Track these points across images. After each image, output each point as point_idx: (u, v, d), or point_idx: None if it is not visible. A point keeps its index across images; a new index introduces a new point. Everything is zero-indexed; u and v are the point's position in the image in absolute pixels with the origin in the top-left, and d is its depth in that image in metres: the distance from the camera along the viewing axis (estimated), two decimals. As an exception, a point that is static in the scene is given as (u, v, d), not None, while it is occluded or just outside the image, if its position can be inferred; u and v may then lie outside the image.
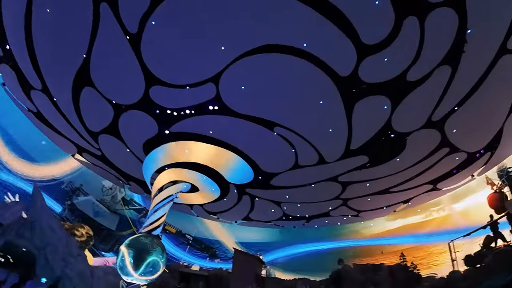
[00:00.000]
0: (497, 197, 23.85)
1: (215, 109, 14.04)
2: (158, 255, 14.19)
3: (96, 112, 16.21)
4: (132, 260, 13.34)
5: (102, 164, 22.84)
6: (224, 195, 21.36)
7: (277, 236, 49.97)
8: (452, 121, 15.89)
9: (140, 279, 13.66)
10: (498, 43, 12.43)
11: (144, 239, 14.24)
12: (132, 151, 18.64)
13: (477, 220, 30.28)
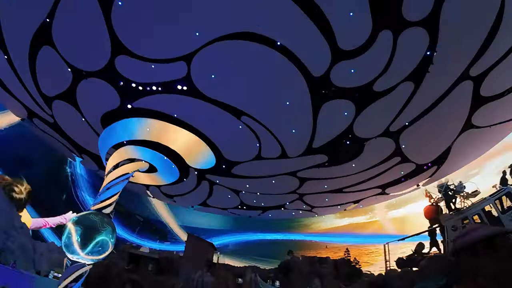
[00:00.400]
0: (433, 209, 26.37)
1: (183, 89, 13.54)
2: (107, 235, 13.49)
3: (53, 75, 14.77)
4: (80, 238, 12.55)
5: (54, 133, 21.12)
6: (183, 178, 20.98)
7: (225, 223, 50.32)
8: (407, 133, 17.10)
9: (87, 258, 12.89)
10: (462, 69, 13.51)
11: (93, 216, 13.39)
12: (89, 122, 17.43)
13: (412, 227, 33.34)
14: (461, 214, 22.51)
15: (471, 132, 17.96)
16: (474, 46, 12.46)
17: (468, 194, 24.05)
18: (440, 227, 24.47)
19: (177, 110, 15.08)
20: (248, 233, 54.30)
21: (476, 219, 21.92)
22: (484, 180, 25.91)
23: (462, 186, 23.90)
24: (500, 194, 19.85)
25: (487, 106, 15.96)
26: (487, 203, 21.40)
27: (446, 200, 24.45)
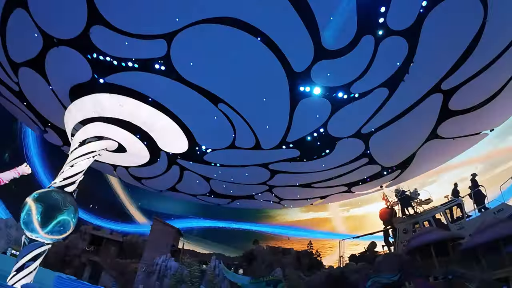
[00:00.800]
0: (388, 212, 28.21)
1: (161, 69, 13.05)
2: (69, 215, 12.81)
3: (23, 40, 13.53)
4: (40, 216, 11.82)
5: (18, 103, 19.55)
6: (153, 161, 20.44)
7: (189, 209, 49.88)
8: (377, 136, 17.85)
9: (46, 237, 12.19)
10: (434, 82, 14.21)
11: (55, 194, 12.60)
12: (56, 94, 16.30)
13: (365, 226, 35.35)
14: (413, 219, 24.22)
15: (435, 141, 19.13)
16: (449, 61, 13.13)
17: (421, 201, 25.95)
18: (392, 229, 26.29)
19: (153, 90, 14.50)
20: (213, 220, 54.49)
21: (426, 224, 23.73)
22: (439, 188, 28.03)
23: (417, 193, 25.77)
24: (451, 205, 21.56)
25: (453, 120, 17.03)
26: (438, 211, 23.16)
27: (401, 205, 26.24)
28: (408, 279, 16.98)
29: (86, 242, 32.59)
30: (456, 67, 13.28)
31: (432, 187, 28.03)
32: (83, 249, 31.53)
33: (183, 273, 26.04)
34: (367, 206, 40.41)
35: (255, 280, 28.04)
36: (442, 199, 23.81)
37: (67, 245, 31.74)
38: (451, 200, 22.53)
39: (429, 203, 25.53)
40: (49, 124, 21.03)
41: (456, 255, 15.08)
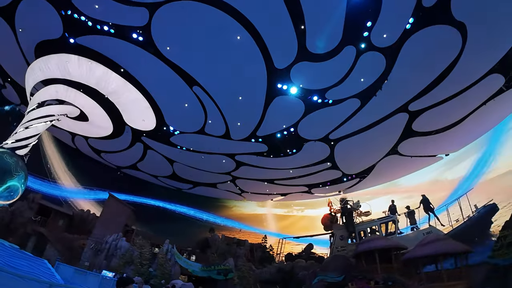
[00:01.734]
0: (329, 218, 30.22)
1: (139, 39, 12.36)
2: (20, 181, 11.83)
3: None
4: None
5: None
6: (116, 135, 19.48)
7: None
8: (343, 144, 18.57)
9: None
10: (403, 102, 15.02)
11: (8, 157, 11.50)
12: (21, 48, 14.79)
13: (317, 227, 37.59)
14: (351, 227, 26.09)
15: (394, 157, 20.36)
16: (421, 85, 13.96)
17: (361, 212, 28.01)
18: (331, 234, 28.10)
19: (126, 60, 13.71)
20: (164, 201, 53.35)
21: (362, 234, 25.83)
22: (382, 203, 30.28)
23: (358, 205, 27.72)
24: (387, 220, 23.53)
25: (414, 139, 18.21)
26: (374, 224, 25.17)
27: (342, 213, 28.10)
28: (351, 280, 17.96)
29: (33, 212, 30.16)
30: (426, 91, 14.17)
31: (374, 201, 30.13)
32: (29, 218, 29.17)
33: (133, 254, 25.31)
34: (320, 209, 42.05)
35: (206, 267, 28.05)
36: (380, 213, 26.00)
37: (13, 212, 29.26)
38: (387, 216, 24.65)
39: (368, 215, 27.63)
40: (9, 79, 19.12)
41: (398, 263, 16.22)
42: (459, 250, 13.77)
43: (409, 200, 29.63)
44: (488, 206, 19.61)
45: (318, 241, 33.07)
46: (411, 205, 22.37)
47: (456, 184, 46.17)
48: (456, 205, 20.31)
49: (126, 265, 24.35)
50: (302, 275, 25.28)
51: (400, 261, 16.33)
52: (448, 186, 48.26)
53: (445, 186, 49.10)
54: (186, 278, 27.66)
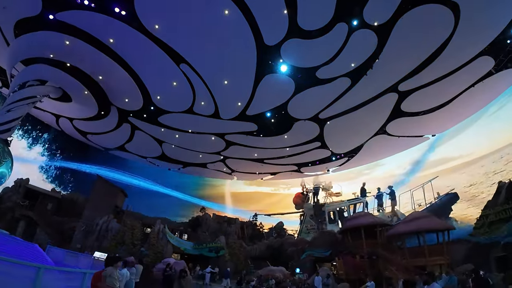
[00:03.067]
0: (301, 197, 31.36)
1: (121, 14, 11.61)
2: (7, 167, 11.54)
3: None
4: None
5: None
6: (102, 116, 18.90)
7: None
8: (332, 123, 18.61)
9: None
10: (393, 81, 14.94)
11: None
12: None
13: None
14: (321, 207, 27.10)
15: (382, 137, 20.64)
16: (411, 65, 13.86)
17: (332, 193, 28.97)
18: (302, 213, 29.18)
19: (109, 36, 12.96)
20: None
21: (331, 214, 26.91)
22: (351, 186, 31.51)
23: (330, 186, 28.64)
24: (355, 202, 24.38)
25: (402, 120, 18.40)
26: (343, 205, 26.07)
27: (314, 193, 28.98)
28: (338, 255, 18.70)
29: (20, 196, 29.61)
30: (416, 71, 14.12)
31: (344, 183, 31.49)
32: (16, 202, 28.69)
33: (124, 235, 25.46)
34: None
35: (198, 245, 28.64)
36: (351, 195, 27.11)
37: (0, 198, 28.69)
38: (356, 198, 25.58)
39: (338, 196, 28.69)
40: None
41: (382, 239, 16.91)
42: (441, 227, 14.41)
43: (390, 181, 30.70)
44: (450, 194, 20.67)
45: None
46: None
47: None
48: (420, 190, 21.31)
49: (118, 245, 24.56)
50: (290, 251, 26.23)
51: (384, 237, 17.01)
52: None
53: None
54: (179, 256, 28.22)
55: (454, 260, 14.47)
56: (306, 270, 20.88)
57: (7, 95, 13.49)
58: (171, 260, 18.02)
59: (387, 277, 14.57)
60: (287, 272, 21.29)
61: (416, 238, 15.49)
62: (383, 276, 14.77)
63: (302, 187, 31.51)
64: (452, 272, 11.17)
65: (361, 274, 15.81)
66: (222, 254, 28.45)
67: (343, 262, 17.85)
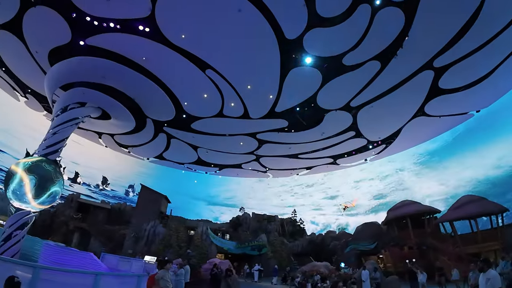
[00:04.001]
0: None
1: (145, 31, 12.24)
2: (60, 186, 12.67)
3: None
4: (34, 188, 11.58)
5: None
6: (139, 129, 19.99)
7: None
8: (365, 110, 17.85)
9: (38, 207, 12.12)
10: (427, 58, 13.92)
11: (47, 165, 12.21)
12: (35, 58, 15.24)
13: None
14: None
15: (421, 119, 19.35)
16: (444, 38, 12.80)
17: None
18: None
19: (137, 53, 13.71)
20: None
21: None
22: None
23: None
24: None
25: (441, 98, 17.07)
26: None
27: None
28: (384, 247, 17.96)
29: (73, 210, 32.67)
30: (451, 44, 13.00)
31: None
32: (70, 216, 31.68)
33: (170, 239, 26.74)
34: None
35: (240, 245, 29.24)
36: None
37: (54, 213, 31.81)
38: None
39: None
40: (29, 90, 19.94)
41: (431, 228, 15.91)
42: (494, 210, 13.18)
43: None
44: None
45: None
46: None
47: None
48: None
49: (165, 249, 25.87)
50: (333, 246, 25.75)
51: (433, 225, 15.99)
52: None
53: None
54: (223, 256, 28.98)
55: (510, 244, 13.28)
56: (351, 264, 20.41)
57: (51, 119, 14.71)
58: (216, 260, 18.59)
59: (438, 267, 13.73)
60: (331, 267, 20.94)
61: (467, 223, 14.41)
62: (435, 267, 13.95)
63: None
64: (508, 257, 10.27)
65: (410, 266, 15.13)
66: (264, 252, 28.73)
67: (390, 254, 17.17)
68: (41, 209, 12.68)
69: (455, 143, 51.58)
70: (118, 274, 8.23)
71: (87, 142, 27.52)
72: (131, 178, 58.19)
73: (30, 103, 22.97)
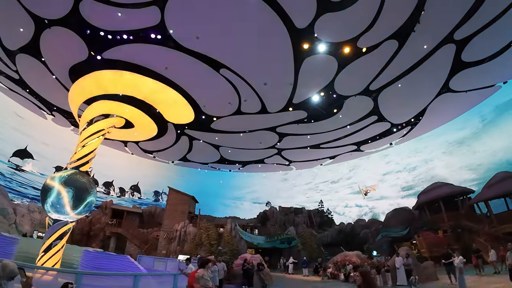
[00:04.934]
0: None
1: (157, 38, 12.51)
2: (94, 195, 13.50)
3: (14, 25, 13.02)
4: (72, 200, 12.40)
5: (21, 90, 19.51)
6: (162, 134, 20.58)
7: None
8: (386, 92, 17.24)
9: (75, 217, 12.98)
10: (446, 32, 13.19)
11: (81, 177, 13.04)
12: (57, 77, 16.09)
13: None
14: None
15: (447, 96, 18.42)
16: (462, 8, 12.09)
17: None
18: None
19: (151, 61, 14.08)
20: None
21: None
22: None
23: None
24: None
25: (466, 72, 16.16)
26: None
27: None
28: (417, 232, 17.39)
29: (107, 216, 34.50)
30: (471, 13, 12.22)
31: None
32: (106, 222, 33.47)
33: (201, 237, 27.41)
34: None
35: (270, 239, 29.48)
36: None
37: (90, 221, 33.65)
38: None
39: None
40: (54, 108, 21.10)
41: (465, 209, 15.18)
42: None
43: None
44: None
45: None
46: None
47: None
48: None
49: (197, 247, 26.57)
50: (364, 234, 25.27)
51: (467, 206, 15.26)
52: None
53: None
54: (253, 251, 29.35)
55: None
56: (384, 252, 19.94)
57: (79, 133, 15.47)
58: (247, 255, 18.85)
59: (475, 249, 13.11)
60: (363, 255, 20.60)
61: (503, 202, 13.64)
62: (471, 249, 13.34)
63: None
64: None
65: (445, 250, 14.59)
66: (294, 245, 28.77)
67: (424, 240, 16.58)
68: (77, 219, 13.42)
69: (485, 129, 49.21)
70: (155, 274, 8.59)
71: (109, 152, 28.69)
72: (157, 183, 60.10)
73: (57, 120, 24.28)
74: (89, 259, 11.94)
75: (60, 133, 30.15)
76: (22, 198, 40.09)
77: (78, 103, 16.22)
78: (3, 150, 43.46)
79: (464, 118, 38.44)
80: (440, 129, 24.90)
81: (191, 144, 24.01)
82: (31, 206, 31.19)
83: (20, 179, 44.29)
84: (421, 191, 25.09)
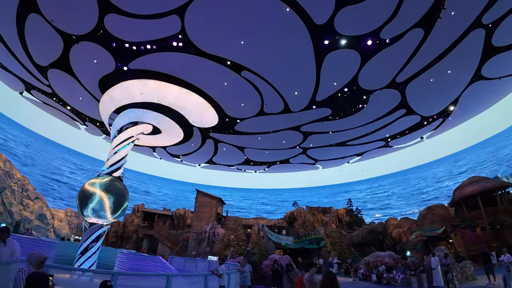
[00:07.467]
0: None
1: (179, 45, 12.90)
2: (128, 200, 14.42)
3: (44, 43, 14.04)
4: (113, 206, 13.28)
5: (54, 103, 20.97)
6: (188, 138, 21.11)
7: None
8: (414, 84, 16.46)
9: (111, 221, 13.88)
10: (474, 16, 12.35)
11: (118, 184, 13.98)
12: (87, 89, 17.10)
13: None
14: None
15: (479, 83, 17.25)
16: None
17: None
18: None
19: (175, 68, 14.55)
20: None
21: None
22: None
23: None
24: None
25: (498, 57, 15.04)
26: None
27: None
28: (453, 231, 16.41)
29: (140, 219, 36.07)
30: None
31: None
32: (138, 225, 34.99)
33: (230, 238, 27.74)
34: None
35: (298, 239, 29.18)
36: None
37: (124, 224, 35.32)
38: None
39: None
40: (87, 118, 22.38)
41: (505, 204, 14.08)
42: None
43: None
44: None
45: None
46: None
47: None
48: None
49: (226, 248, 26.92)
50: (396, 233, 24.22)
51: (507, 201, 14.13)
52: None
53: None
54: (282, 251, 29.21)
55: None
56: (418, 252, 18.98)
57: (111, 141, 16.35)
58: (276, 256, 18.80)
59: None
60: (396, 256, 19.77)
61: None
62: (511, 247, 12.40)
63: None
64: None
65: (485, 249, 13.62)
66: (323, 245, 28.26)
67: (461, 238, 15.60)
68: (112, 222, 14.21)
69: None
70: (187, 274, 8.80)
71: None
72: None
73: (89, 130, 25.71)
74: (124, 260, 12.50)
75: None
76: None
77: (108, 112, 17.10)
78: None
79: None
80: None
81: (216, 147, 24.40)
82: (68, 211, 33.32)
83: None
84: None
